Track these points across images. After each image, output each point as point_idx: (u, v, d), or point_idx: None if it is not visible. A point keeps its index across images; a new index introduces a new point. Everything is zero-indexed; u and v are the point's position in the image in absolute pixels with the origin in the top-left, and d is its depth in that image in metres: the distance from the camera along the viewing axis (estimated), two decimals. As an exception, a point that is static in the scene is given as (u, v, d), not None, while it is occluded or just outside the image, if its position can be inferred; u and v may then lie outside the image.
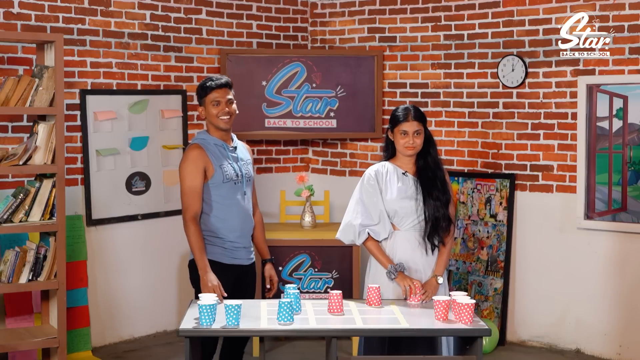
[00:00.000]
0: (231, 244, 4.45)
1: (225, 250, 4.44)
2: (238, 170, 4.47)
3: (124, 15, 6.03)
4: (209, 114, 4.45)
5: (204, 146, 4.42)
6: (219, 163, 4.42)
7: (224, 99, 4.44)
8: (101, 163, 5.95)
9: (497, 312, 6.14)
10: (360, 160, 6.91)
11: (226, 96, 4.45)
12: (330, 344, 3.93)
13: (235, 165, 4.47)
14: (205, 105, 4.47)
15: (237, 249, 4.48)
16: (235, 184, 4.45)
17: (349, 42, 6.95)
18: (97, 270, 5.97)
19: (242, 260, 4.51)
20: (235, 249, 4.47)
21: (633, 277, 5.71)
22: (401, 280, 4.27)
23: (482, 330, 3.88)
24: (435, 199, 4.33)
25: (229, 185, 4.43)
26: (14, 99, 4.80)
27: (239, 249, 4.49)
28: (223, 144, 4.47)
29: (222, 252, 4.44)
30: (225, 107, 4.44)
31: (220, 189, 4.42)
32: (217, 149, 4.44)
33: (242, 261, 4.50)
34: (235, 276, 4.49)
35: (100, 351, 5.91)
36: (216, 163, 4.40)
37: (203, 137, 4.49)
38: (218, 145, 4.45)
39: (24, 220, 4.82)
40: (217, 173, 4.40)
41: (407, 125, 4.32)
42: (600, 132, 5.76)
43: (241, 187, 4.48)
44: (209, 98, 4.44)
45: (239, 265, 4.49)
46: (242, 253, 4.51)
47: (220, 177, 4.40)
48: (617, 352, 5.79)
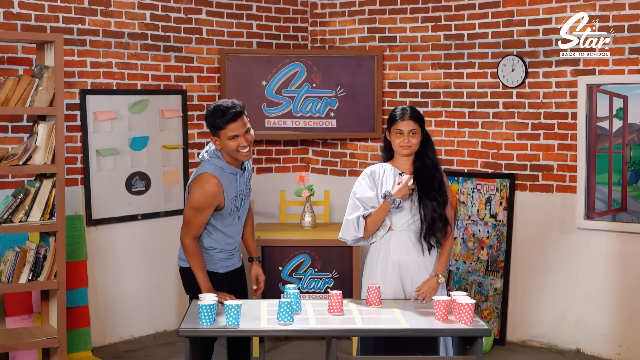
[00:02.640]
0: (226, 254, 4.46)
1: (221, 261, 4.45)
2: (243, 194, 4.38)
3: (124, 15, 6.03)
4: (227, 147, 4.19)
5: (221, 179, 4.23)
6: (231, 196, 4.30)
7: (241, 131, 4.17)
8: (101, 163, 5.95)
9: (497, 312, 6.15)
10: (360, 160, 6.91)
11: (243, 127, 4.17)
12: (330, 344, 3.93)
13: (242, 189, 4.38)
14: (221, 139, 4.19)
15: (231, 257, 4.49)
16: (238, 209, 4.40)
17: (349, 42, 6.95)
18: (97, 270, 5.97)
19: (235, 265, 4.53)
20: (228, 259, 4.48)
21: (633, 277, 5.71)
22: (398, 192, 4.27)
23: (482, 330, 3.89)
24: (432, 199, 4.33)
25: (233, 214, 4.39)
26: (14, 99, 4.80)
27: (232, 257, 4.50)
28: (236, 172, 4.32)
29: (218, 262, 4.44)
30: (244, 140, 4.18)
31: (225, 219, 4.39)
32: (230, 179, 4.29)
33: (235, 265, 4.53)
34: (229, 280, 4.51)
35: (100, 351, 5.91)
36: (228, 196, 4.28)
37: (221, 166, 4.26)
38: (232, 174, 4.30)
39: (24, 220, 4.82)
40: (226, 207, 4.31)
41: (403, 124, 4.32)
42: (600, 132, 5.76)
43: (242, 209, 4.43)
44: (224, 133, 4.16)
45: (232, 270, 4.51)
46: (235, 259, 4.52)
47: (229, 210, 4.35)
48: (617, 352, 5.79)
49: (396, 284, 4.37)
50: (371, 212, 4.34)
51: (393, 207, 4.28)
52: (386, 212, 4.31)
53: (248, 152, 4.24)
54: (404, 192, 4.27)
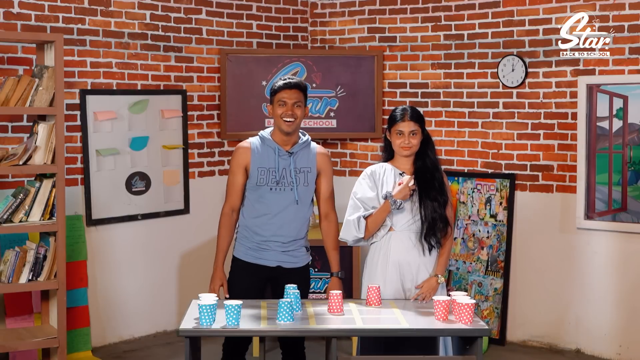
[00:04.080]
0: (258, 244, 4.43)
1: (249, 248, 4.44)
2: (283, 176, 4.38)
3: (124, 15, 6.03)
4: (275, 114, 4.37)
5: (252, 144, 4.41)
6: (258, 164, 4.37)
7: (291, 100, 4.33)
8: (101, 163, 5.95)
9: (497, 312, 6.15)
10: (360, 160, 6.91)
11: (294, 98, 4.34)
12: (330, 344, 3.92)
13: (282, 170, 4.38)
14: (273, 104, 4.38)
15: (264, 250, 4.43)
16: (272, 189, 4.38)
17: (349, 42, 6.95)
18: (97, 270, 5.97)
19: (269, 262, 4.44)
20: (261, 250, 4.43)
21: (633, 277, 5.71)
22: (398, 193, 4.27)
23: (482, 330, 3.89)
24: (432, 199, 4.33)
25: (265, 190, 4.38)
26: (14, 99, 4.80)
27: (267, 250, 4.43)
28: (276, 147, 4.38)
29: (246, 251, 4.45)
30: (291, 110, 4.33)
31: (256, 192, 4.40)
32: (265, 151, 4.38)
33: (269, 262, 4.44)
34: (263, 279, 4.47)
35: (100, 351, 5.91)
36: (255, 164, 4.37)
37: (262, 136, 4.44)
38: (270, 148, 4.38)
39: (24, 220, 4.82)
40: (252, 175, 4.38)
41: (403, 125, 4.32)
42: (600, 132, 5.76)
43: (287, 195, 4.38)
44: (277, 97, 4.35)
45: (265, 266, 4.44)
46: (270, 255, 4.43)
47: (255, 180, 4.38)
48: (617, 352, 5.79)
49: (396, 284, 4.36)
50: (372, 213, 4.34)
51: (394, 208, 4.28)
52: (387, 212, 4.31)
53: (290, 124, 4.34)
54: (405, 193, 4.27)
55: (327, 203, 4.55)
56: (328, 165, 4.53)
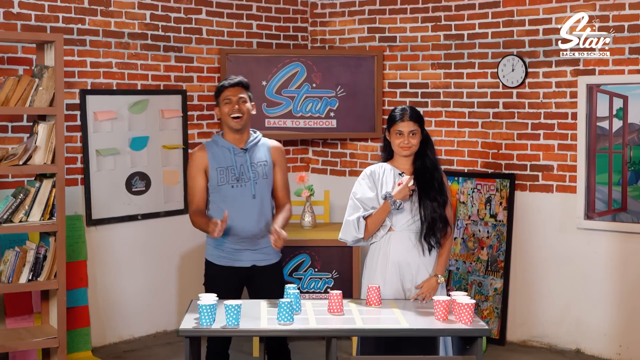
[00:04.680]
0: (230, 246, 4.48)
1: (222, 253, 4.49)
2: (242, 172, 4.48)
3: (124, 15, 6.03)
4: (222, 114, 4.51)
5: (208, 147, 4.53)
6: (217, 165, 4.47)
7: (235, 97, 4.48)
8: (101, 163, 5.95)
9: (497, 312, 6.15)
10: (360, 160, 6.91)
11: (238, 94, 4.49)
12: (330, 344, 3.92)
13: (240, 167, 4.48)
14: (220, 105, 4.52)
15: (238, 252, 4.49)
16: (233, 186, 4.47)
17: (349, 42, 6.95)
18: (97, 270, 5.97)
19: (244, 262, 4.50)
20: (234, 252, 4.49)
21: (633, 277, 5.71)
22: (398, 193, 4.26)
23: (482, 330, 3.89)
24: (432, 199, 4.33)
25: (227, 189, 4.47)
26: (14, 99, 4.80)
27: (240, 251, 4.49)
28: (231, 147, 4.50)
29: (219, 254, 4.50)
30: (236, 105, 4.47)
31: (218, 192, 4.49)
32: (221, 152, 4.50)
33: (243, 263, 4.50)
34: (239, 279, 4.53)
35: (100, 351, 5.91)
36: (213, 165, 4.48)
37: (214, 140, 4.58)
38: (225, 148, 4.50)
39: (24, 220, 4.82)
40: (212, 176, 4.48)
41: (403, 125, 4.32)
42: (600, 132, 5.76)
43: (247, 190, 4.48)
44: (222, 97, 4.50)
45: (240, 267, 4.50)
46: (245, 255, 4.50)
47: (215, 180, 4.47)
48: (617, 352, 5.79)
49: (396, 284, 4.36)
50: (371, 213, 4.33)
51: (393, 209, 4.28)
52: (386, 213, 4.31)
53: (239, 120, 4.48)
54: (405, 193, 4.27)
55: (283, 193, 4.65)
56: (282, 157, 4.67)
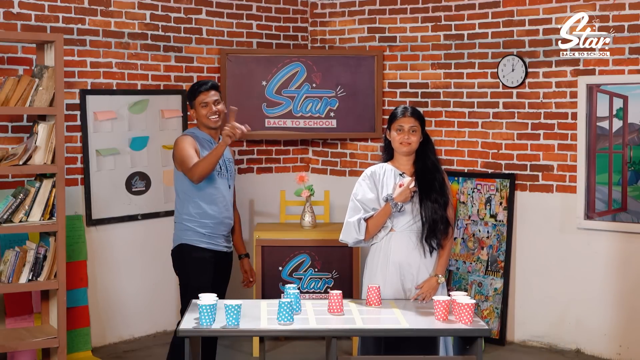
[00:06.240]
0: (211, 229, 4.78)
1: (204, 236, 4.76)
2: (222, 163, 4.81)
3: (124, 15, 6.03)
4: (199, 115, 4.85)
5: (194, 136, 4.81)
6: (203, 153, 4.73)
7: (210, 99, 4.82)
8: (101, 163, 5.95)
9: (497, 312, 6.15)
10: (360, 160, 6.91)
11: (213, 97, 4.83)
12: (330, 344, 3.93)
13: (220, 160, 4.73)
14: (195, 108, 4.85)
15: (217, 236, 4.81)
16: (219, 175, 4.80)
17: (349, 42, 6.95)
18: (97, 270, 5.97)
19: (220, 247, 4.84)
20: (214, 235, 4.80)
21: (633, 277, 5.71)
22: (399, 195, 4.28)
23: (482, 330, 3.89)
24: (433, 201, 4.33)
25: (214, 174, 4.76)
26: (14, 99, 4.80)
27: (218, 235, 4.82)
28: (210, 139, 4.86)
29: (201, 237, 4.76)
30: (213, 107, 4.81)
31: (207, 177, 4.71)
32: (205, 143, 4.82)
33: (220, 248, 4.85)
34: (215, 261, 4.81)
35: (100, 351, 5.91)
36: (202, 151, 4.74)
37: (193, 131, 4.89)
38: (205, 139, 4.83)
39: (24, 220, 4.83)
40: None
41: (404, 120, 4.33)
42: (600, 132, 5.76)
43: (226, 180, 4.84)
44: (197, 101, 4.83)
45: (218, 251, 4.83)
46: (221, 240, 4.84)
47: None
48: (617, 352, 5.79)
49: (396, 284, 4.36)
50: (372, 215, 4.33)
51: (395, 211, 4.29)
52: (387, 215, 4.31)
53: (217, 120, 4.83)
54: (406, 195, 4.27)
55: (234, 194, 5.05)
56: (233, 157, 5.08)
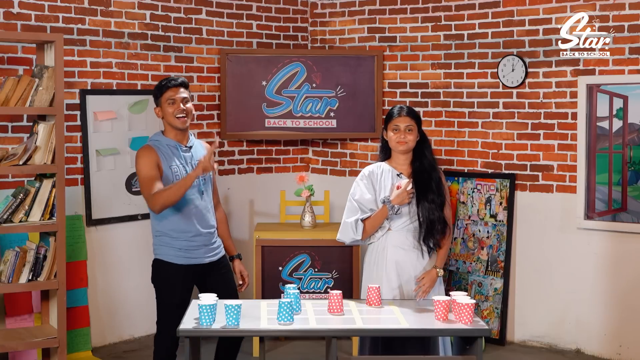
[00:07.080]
0: (186, 244, 4.47)
1: (179, 251, 4.47)
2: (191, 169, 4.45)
3: (124, 15, 6.03)
4: (165, 113, 4.50)
5: (155, 147, 4.47)
6: (169, 164, 4.45)
7: (178, 97, 4.49)
8: (101, 163, 5.95)
9: (497, 312, 6.15)
10: (360, 160, 6.91)
11: (181, 95, 4.50)
12: (330, 344, 3.93)
13: (188, 165, 4.49)
14: (162, 105, 4.52)
15: (193, 249, 4.48)
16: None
17: (349, 42, 6.95)
18: (97, 270, 5.97)
19: (200, 259, 4.51)
20: (190, 249, 4.48)
21: (633, 277, 5.71)
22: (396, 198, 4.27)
23: (482, 330, 3.89)
24: (430, 201, 4.33)
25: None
26: (14, 99, 4.80)
27: (196, 248, 4.49)
28: (176, 145, 4.51)
29: (175, 253, 4.47)
30: (180, 105, 4.48)
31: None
32: (168, 150, 4.49)
33: (200, 260, 4.51)
34: (195, 276, 4.53)
35: (100, 351, 5.91)
36: (165, 164, 4.44)
37: (156, 139, 4.54)
38: (170, 146, 4.50)
39: (24, 220, 4.82)
40: (166, 175, 4.43)
41: (400, 119, 4.34)
42: (600, 132, 5.76)
43: (197, 189, 4.49)
44: (164, 97, 4.50)
45: (196, 264, 4.50)
46: (201, 252, 4.51)
47: (171, 179, 4.42)
48: (617, 352, 5.79)
49: (395, 284, 4.37)
50: (370, 216, 4.33)
51: (392, 214, 4.29)
52: (384, 217, 4.32)
53: (184, 120, 4.49)
54: (403, 198, 4.27)
55: (215, 192, 4.72)
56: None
